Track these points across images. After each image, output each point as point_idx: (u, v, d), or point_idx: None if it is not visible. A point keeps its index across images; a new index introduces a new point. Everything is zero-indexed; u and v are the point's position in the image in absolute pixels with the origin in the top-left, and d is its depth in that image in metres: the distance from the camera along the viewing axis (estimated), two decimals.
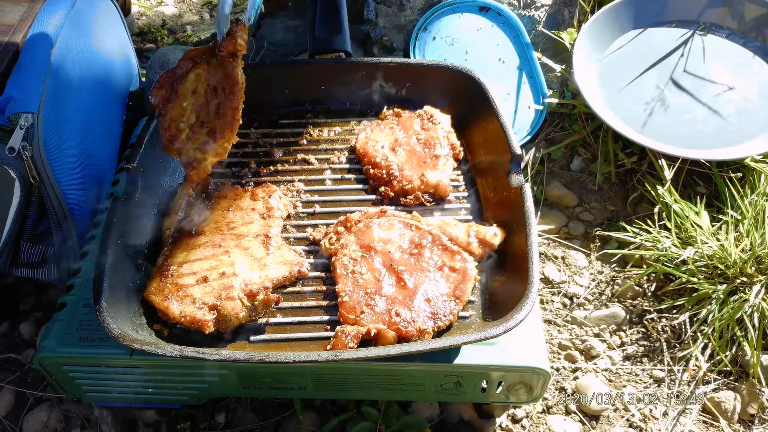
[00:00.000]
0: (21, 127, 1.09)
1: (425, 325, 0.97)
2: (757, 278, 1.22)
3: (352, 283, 1.03)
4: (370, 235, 1.08)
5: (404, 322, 0.97)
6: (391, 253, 1.06)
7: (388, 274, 1.04)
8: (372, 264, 1.05)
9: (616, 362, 1.24)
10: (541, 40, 1.68)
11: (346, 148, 1.32)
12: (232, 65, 1.06)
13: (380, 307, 1.00)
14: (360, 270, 1.04)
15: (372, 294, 1.01)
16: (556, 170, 1.54)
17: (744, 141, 1.42)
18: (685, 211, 1.34)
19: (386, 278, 1.04)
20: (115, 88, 1.49)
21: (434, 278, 1.04)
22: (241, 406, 1.16)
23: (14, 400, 1.19)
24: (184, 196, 1.16)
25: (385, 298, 1.01)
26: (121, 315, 0.95)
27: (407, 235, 1.09)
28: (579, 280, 1.37)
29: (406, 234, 1.09)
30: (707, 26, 1.61)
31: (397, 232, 1.10)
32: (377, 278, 1.03)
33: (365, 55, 1.74)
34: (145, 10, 2.36)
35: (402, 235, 1.09)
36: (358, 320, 0.98)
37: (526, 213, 1.02)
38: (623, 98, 1.52)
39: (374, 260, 1.06)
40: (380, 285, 1.02)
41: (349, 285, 1.02)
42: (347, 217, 1.12)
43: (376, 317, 0.98)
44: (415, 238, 1.09)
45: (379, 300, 1.00)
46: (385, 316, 0.98)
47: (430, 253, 1.07)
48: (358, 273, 1.04)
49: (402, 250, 1.07)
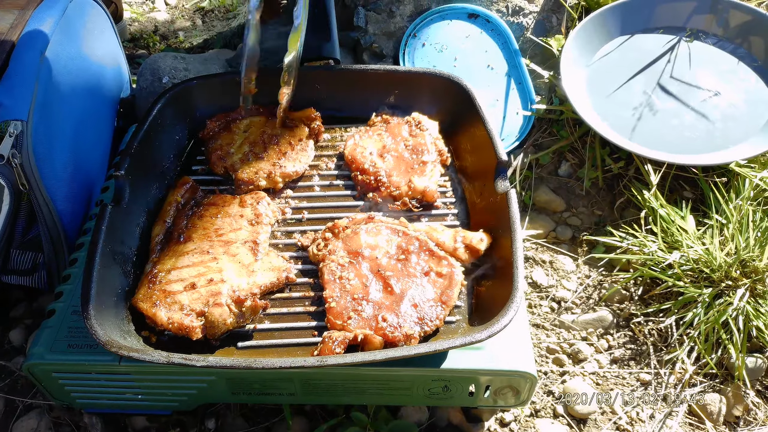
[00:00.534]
0: (10, 134, 1.09)
1: (412, 330, 0.98)
2: (741, 282, 1.23)
3: (340, 289, 1.03)
4: (358, 241, 1.09)
5: (391, 327, 0.98)
6: (378, 258, 1.07)
7: (375, 280, 1.05)
8: (359, 270, 1.06)
9: (603, 365, 1.25)
10: (530, 47, 1.69)
11: (335, 155, 1.33)
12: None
13: (367, 312, 1.00)
14: (347, 276, 1.05)
15: (359, 300, 1.02)
16: (544, 175, 1.56)
17: (729, 146, 1.43)
18: (671, 215, 1.36)
19: (373, 284, 1.04)
20: (105, 95, 1.50)
21: (421, 284, 1.05)
22: (230, 412, 1.16)
23: (4, 407, 1.19)
24: (172, 202, 1.17)
25: (372, 303, 1.02)
26: (109, 322, 0.95)
27: (394, 241, 1.10)
28: (567, 284, 1.38)
29: (394, 240, 1.10)
30: (694, 33, 1.63)
31: (384, 237, 1.10)
32: (364, 284, 1.04)
33: (355, 61, 1.75)
34: (137, 17, 2.36)
35: (389, 241, 1.10)
36: (345, 326, 0.98)
37: (511, 218, 1.03)
38: (610, 104, 1.54)
39: (361, 266, 1.06)
40: (367, 291, 1.03)
41: (337, 291, 1.03)
42: (335, 223, 1.13)
43: (363, 323, 0.99)
44: (402, 243, 1.10)
45: (366, 305, 1.01)
46: (372, 322, 0.99)
47: (417, 259, 1.07)
48: (346, 279, 1.04)
49: (389, 255, 1.08)
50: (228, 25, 2.36)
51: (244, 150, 1.29)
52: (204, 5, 2.46)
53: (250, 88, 1.31)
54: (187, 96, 1.32)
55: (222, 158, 1.28)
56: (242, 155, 1.28)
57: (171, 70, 1.62)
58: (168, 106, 1.28)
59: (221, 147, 1.30)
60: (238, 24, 2.33)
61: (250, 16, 1.26)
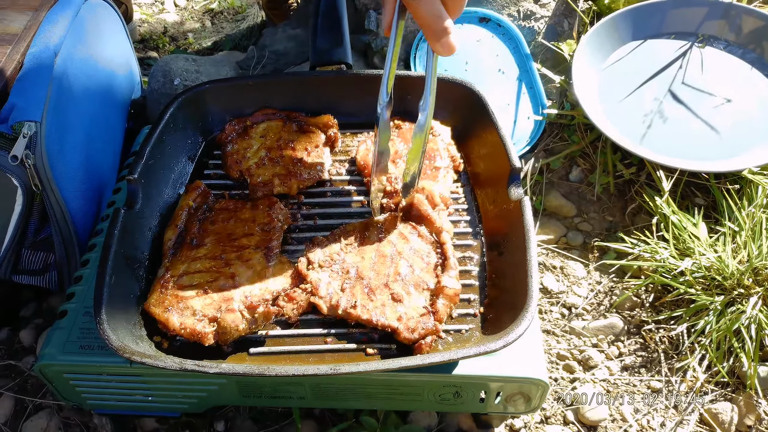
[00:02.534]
0: (24, 135, 1.09)
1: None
2: (754, 290, 1.23)
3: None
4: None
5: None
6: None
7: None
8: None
9: (614, 373, 1.25)
10: (541, 51, 1.69)
11: (347, 160, 1.33)
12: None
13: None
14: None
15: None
16: (555, 180, 1.55)
17: (741, 153, 1.43)
18: (683, 222, 1.35)
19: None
20: (117, 96, 1.50)
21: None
22: (240, 415, 1.16)
23: (14, 407, 1.19)
24: (184, 207, 1.17)
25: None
26: (122, 327, 0.95)
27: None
28: (577, 291, 1.38)
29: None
30: (705, 38, 1.62)
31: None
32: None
33: (366, 64, 1.75)
34: (147, 17, 2.37)
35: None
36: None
37: (525, 227, 1.02)
38: (622, 109, 1.53)
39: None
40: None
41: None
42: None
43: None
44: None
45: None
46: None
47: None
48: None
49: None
50: (237, 26, 2.36)
51: (260, 155, 1.29)
52: (213, 7, 2.47)
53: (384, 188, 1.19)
54: (200, 100, 1.32)
55: (238, 162, 1.28)
56: (258, 160, 1.28)
57: (183, 72, 1.62)
58: (180, 109, 1.28)
59: (237, 151, 1.30)
60: (247, 25, 2.34)
61: (380, 111, 1.05)
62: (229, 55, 1.97)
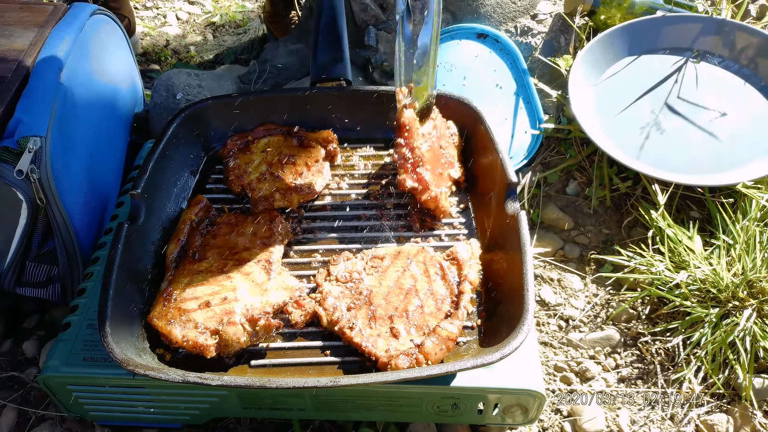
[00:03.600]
0: (29, 150, 1.12)
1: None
2: (748, 302, 1.24)
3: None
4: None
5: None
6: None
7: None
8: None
9: (610, 384, 1.26)
10: (538, 67, 1.71)
11: (346, 174, 1.35)
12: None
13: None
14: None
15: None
16: (552, 194, 1.57)
17: (736, 167, 1.44)
18: (678, 235, 1.37)
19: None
20: (120, 110, 1.53)
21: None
22: (240, 426, 1.18)
23: (16, 418, 1.20)
24: (186, 221, 1.19)
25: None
26: (125, 340, 0.97)
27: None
28: (574, 303, 1.39)
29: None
30: (700, 53, 1.65)
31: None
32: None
33: (366, 79, 1.77)
34: (150, 31, 2.40)
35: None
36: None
37: (522, 240, 1.04)
38: (618, 124, 1.55)
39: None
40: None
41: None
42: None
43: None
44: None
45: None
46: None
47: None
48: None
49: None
50: (239, 40, 2.39)
51: (261, 169, 1.31)
52: (215, 20, 2.50)
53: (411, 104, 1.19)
54: (202, 116, 1.35)
55: (240, 177, 1.31)
56: (259, 174, 1.30)
57: (185, 87, 1.65)
58: (183, 125, 1.30)
59: (239, 166, 1.33)
60: (248, 39, 2.36)
61: (398, 19, 1.08)
62: (231, 69, 1.99)
